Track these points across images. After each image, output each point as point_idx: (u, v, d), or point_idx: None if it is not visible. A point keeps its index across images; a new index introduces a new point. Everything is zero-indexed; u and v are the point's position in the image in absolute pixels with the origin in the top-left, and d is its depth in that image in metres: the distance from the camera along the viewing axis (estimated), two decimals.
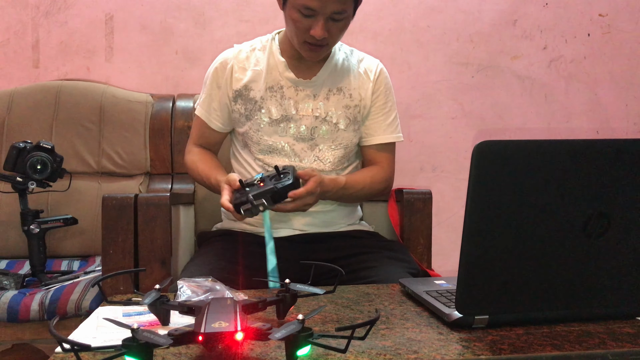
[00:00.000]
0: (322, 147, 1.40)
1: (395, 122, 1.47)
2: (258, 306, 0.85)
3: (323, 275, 1.13)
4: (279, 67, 1.40)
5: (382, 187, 1.45)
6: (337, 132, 1.41)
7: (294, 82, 1.39)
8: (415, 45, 2.28)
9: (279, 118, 1.39)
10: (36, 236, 1.61)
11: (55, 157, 1.64)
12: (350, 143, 1.43)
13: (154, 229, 1.40)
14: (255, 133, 1.40)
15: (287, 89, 1.39)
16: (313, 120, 1.39)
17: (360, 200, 1.54)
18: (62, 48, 2.11)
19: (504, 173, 0.77)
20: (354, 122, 1.42)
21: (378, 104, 1.45)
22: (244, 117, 1.41)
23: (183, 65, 2.16)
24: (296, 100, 1.39)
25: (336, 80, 1.42)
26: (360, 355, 0.74)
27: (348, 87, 1.42)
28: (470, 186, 0.77)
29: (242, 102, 1.41)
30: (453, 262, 0.86)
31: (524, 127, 2.35)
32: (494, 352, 0.76)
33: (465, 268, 0.80)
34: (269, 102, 1.39)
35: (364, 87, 1.44)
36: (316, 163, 1.40)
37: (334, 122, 1.40)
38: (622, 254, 0.84)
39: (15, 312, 1.42)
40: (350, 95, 1.42)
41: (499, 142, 0.77)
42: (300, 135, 1.39)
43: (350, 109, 1.42)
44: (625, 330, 0.85)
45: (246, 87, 1.40)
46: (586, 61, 2.38)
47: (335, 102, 1.41)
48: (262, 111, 1.39)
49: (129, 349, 0.67)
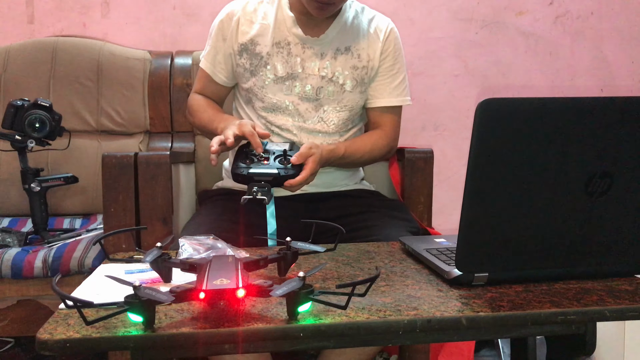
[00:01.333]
0: (326, 108, 1.38)
1: (402, 84, 1.44)
2: (259, 264, 0.85)
3: (324, 234, 1.13)
4: (287, 22, 1.36)
5: (383, 153, 1.44)
6: (343, 93, 1.38)
7: (301, 39, 1.36)
8: (418, 1, 2.23)
9: (285, 76, 1.36)
10: (37, 194, 1.62)
11: (54, 116, 1.63)
12: (356, 105, 1.41)
13: (154, 187, 1.40)
14: (260, 90, 1.37)
15: (294, 46, 1.36)
16: (319, 80, 1.37)
17: (360, 166, 1.53)
18: (57, 3, 2.07)
19: (507, 131, 0.76)
20: (360, 83, 1.40)
21: (386, 65, 1.41)
22: (249, 72, 1.38)
23: (181, 21, 2.12)
24: (303, 59, 1.36)
25: (345, 40, 1.38)
26: (360, 312, 0.75)
27: (357, 47, 1.39)
28: (473, 144, 0.76)
29: (248, 57, 1.38)
30: (453, 220, 0.86)
31: (527, 85, 2.32)
32: (493, 309, 0.77)
33: (466, 226, 0.80)
34: (275, 58, 1.36)
35: (373, 47, 1.40)
36: (320, 124, 1.39)
37: (340, 83, 1.38)
38: (623, 213, 0.84)
39: (19, 269, 1.43)
40: (358, 56, 1.39)
41: (502, 100, 0.76)
42: (306, 94, 1.37)
43: (358, 70, 1.39)
44: (623, 287, 0.86)
45: (252, 41, 1.37)
46: (593, 17, 2.33)
47: (342, 62, 1.38)
48: (267, 67, 1.36)
49: (131, 305, 0.68)
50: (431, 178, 1.58)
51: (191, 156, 1.74)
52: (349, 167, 1.44)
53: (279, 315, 0.74)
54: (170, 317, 0.73)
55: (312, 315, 0.73)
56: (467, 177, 0.78)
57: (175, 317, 0.74)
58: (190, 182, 1.70)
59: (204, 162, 1.76)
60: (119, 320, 0.71)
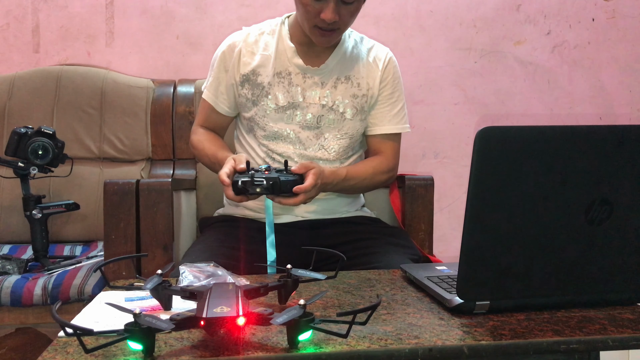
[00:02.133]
0: (327, 135, 1.40)
1: (402, 112, 1.46)
2: (260, 291, 0.85)
3: (325, 261, 1.13)
4: (288, 52, 1.39)
5: (384, 179, 1.45)
6: (344, 121, 1.40)
7: (302, 69, 1.38)
8: (417, 31, 2.26)
9: (286, 105, 1.38)
10: (38, 221, 1.62)
11: (57, 143, 1.64)
12: (356, 133, 1.42)
13: (155, 214, 1.40)
14: (261, 119, 1.39)
15: (295, 76, 1.38)
16: (320, 108, 1.38)
17: (361, 192, 1.53)
18: (62, 33, 2.10)
19: (506, 159, 0.77)
20: (360, 111, 1.41)
21: (385, 93, 1.43)
22: (251, 102, 1.40)
23: (184, 50, 2.15)
24: (303, 88, 1.38)
25: (345, 69, 1.41)
26: (361, 340, 0.74)
27: (356, 75, 1.41)
28: (473, 172, 0.76)
29: (250, 87, 1.40)
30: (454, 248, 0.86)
31: (526, 113, 2.34)
32: (495, 338, 0.76)
33: (467, 254, 0.80)
34: (276, 88, 1.38)
35: (372, 75, 1.42)
36: (321, 152, 1.40)
37: (340, 111, 1.39)
38: (623, 240, 0.84)
39: (19, 297, 1.43)
40: (358, 85, 1.41)
41: (502, 128, 0.77)
42: (306, 123, 1.38)
43: (358, 98, 1.41)
44: (625, 316, 0.85)
45: (254, 71, 1.39)
46: (590, 46, 2.36)
47: (342, 91, 1.39)
48: (268, 97, 1.38)
49: (131, 333, 0.67)
50: (432, 205, 1.59)
51: (192, 183, 1.75)
52: (350, 192, 1.44)
53: (280, 343, 0.73)
54: (170, 345, 0.73)
55: (312, 343, 0.73)
56: (468, 204, 0.78)
57: (175, 345, 0.73)
58: (191, 209, 1.70)
59: (205, 189, 1.77)
60: (118, 349, 0.70)
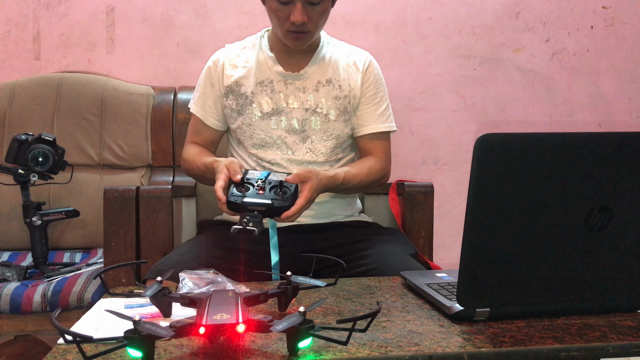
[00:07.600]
0: (313, 138, 1.42)
1: (387, 112, 1.48)
2: (259, 298, 0.85)
3: (323, 263, 1.13)
4: (268, 62, 1.43)
5: (378, 177, 1.46)
6: (328, 123, 1.42)
7: (283, 75, 1.42)
8: (417, 38, 2.27)
9: (270, 111, 1.41)
10: (38, 228, 1.62)
11: (57, 150, 1.64)
12: (342, 133, 1.44)
13: (155, 221, 1.40)
14: (248, 127, 1.42)
15: (276, 83, 1.42)
16: (303, 112, 1.41)
17: (357, 192, 1.55)
18: (63, 40, 2.11)
19: (505, 166, 0.77)
20: (344, 112, 1.43)
21: (368, 94, 1.46)
22: (236, 112, 1.43)
23: (184, 58, 2.16)
24: (286, 94, 1.41)
25: (325, 72, 1.44)
26: (361, 348, 0.74)
27: (337, 78, 1.44)
28: (472, 179, 0.77)
29: (234, 98, 1.43)
30: (454, 255, 0.86)
31: (526, 120, 2.35)
32: (495, 345, 0.76)
33: (467, 261, 0.80)
34: (260, 96, 1.41)
35: (353, 77, 1.45)
36: (309, 155, 1.41)
37: (324, 114, 1.42)
38: (623, 247, 0.84)
39: (18, 304, 1.42)
40: (339, 87, 1.43)
41: (501, 135, 0.77)
42: (292, 128, 1.41)
43: (340, 100, 1.43)
44: (626, 323, 0.85)
45: (237, 82, 1.43)
46: (589, 54, 2.37)
47: (325, 94, 1.42)
48: (253, 105, 1.41)
49: (130, 340, 0.67)
50: (431, 212, 1.59)
51: (192, 190, 1.75)
52: (348, 193, 1.46)
53: (279, 351, 0.73)
54: (170, 353, 0.73)
55: (312, 351, 0.73)
56: (467, 211, 0.78)
57: (174, 352, 0.73)
58: (191, 215, 1.70)
59: (205, 196, 1.77)
60: (118, 356, 0.70)
